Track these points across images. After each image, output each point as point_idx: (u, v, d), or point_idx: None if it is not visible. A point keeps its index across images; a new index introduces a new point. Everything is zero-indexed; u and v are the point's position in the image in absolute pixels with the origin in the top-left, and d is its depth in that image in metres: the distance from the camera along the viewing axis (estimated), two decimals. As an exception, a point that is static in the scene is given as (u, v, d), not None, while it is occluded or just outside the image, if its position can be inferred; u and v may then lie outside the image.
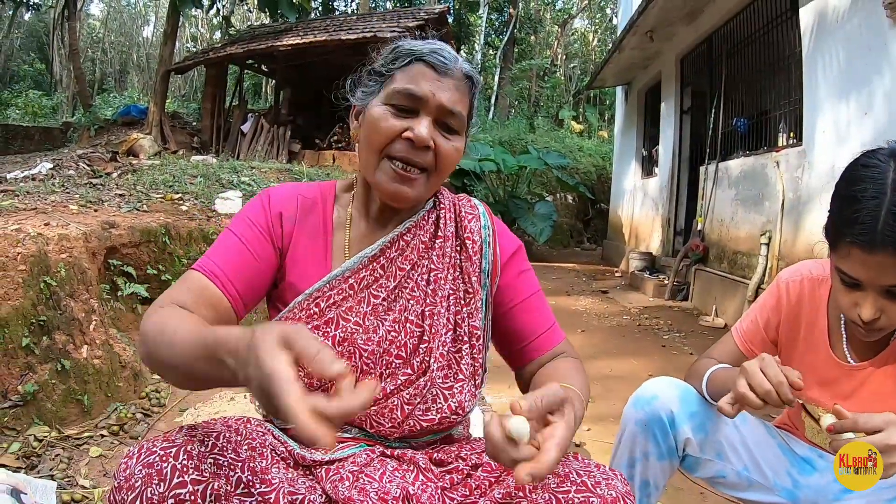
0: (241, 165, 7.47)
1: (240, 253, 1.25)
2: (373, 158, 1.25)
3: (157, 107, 12.55)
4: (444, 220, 1.38)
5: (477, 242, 1.37)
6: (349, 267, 1.28)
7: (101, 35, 32.13)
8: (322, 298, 1.26)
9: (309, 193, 1.38)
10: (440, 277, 1.32)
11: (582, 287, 8.81)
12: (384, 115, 1.23)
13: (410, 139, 1.21)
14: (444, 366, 1.28)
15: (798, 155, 5.53)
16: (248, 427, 1.18)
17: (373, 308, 1.28)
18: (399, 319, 1.28)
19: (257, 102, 21.22)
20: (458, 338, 1.31)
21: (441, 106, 1.23)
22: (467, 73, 1.29)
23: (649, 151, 11.07)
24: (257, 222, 1.30)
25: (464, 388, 1.29)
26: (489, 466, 1.21)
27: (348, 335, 1.24)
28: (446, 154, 1.25)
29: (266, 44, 12.44)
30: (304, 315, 1.25)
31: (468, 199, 1.45)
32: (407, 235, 1.34)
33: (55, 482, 2.21)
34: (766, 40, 6.57)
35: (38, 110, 19.88)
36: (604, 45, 27.53)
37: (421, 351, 1.27)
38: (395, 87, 1.24)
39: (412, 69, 1.25)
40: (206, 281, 1.20)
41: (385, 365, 1.25)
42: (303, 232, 1.33)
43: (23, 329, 2.63)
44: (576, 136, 21.45)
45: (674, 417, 1.51)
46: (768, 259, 5.83)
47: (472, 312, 1.33)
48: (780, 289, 1.59)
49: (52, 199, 4.11)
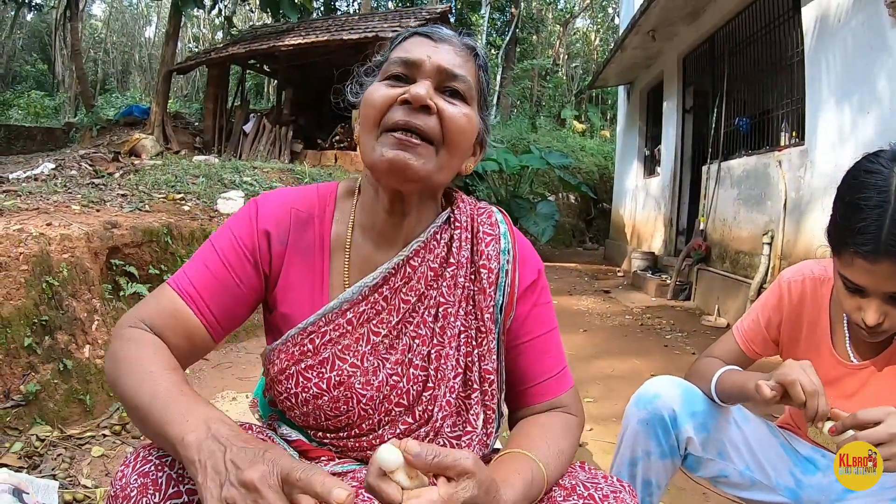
0: (243, 165, 7.47)
1: (220, 275, 1.13)
2: (370, 138, 1.09)
3: (160, 107, 12.55)
4: (458, 242, 1.20)
5: (493, 271, 1.19)
6: (347, 299, 1.13)
7: (104, 35, 32.17)
8: (317, 334, 1.12)
9: (304, 205, 1.21)
10: (450, 312, 1.16)
11: (584, 287, 8.81)
12: (378, 88, 1.10)
13: (407, 101, 1.06)
14: (452, 413, 1.15)
15: (800, 154, 5.52)
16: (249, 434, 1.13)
17: (372, 347, 1.14)
18: (402, 361, 1.14)
19: (259, 102, 21.24)
20: (469, 382, 1.16)
21: (440, 67, 1.09)
22: (468, 43, 1.17)
23: (651, 151, 11.06)
24: (242, 241, 1.15)
25: (473, 440, 1.15)
26: None
27: (345, 378, 1.11)
28: (452, 117, 1.08)
29: (268, 44, 12.44)
30: (297, 351, 1.12)
31: (489, 214, 1.26)
32: (414, 259, 1.17)
33: (57, 482, 2.22)
34: (767, 39, 6.57)
35: (40, 111, 19.91)
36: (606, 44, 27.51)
37: (425, 399, 1.13)
38: (389, 60, 1.13)
39: (407, 42, 1.15)
40: (180, 303, 1.10)
41: (384, 412, 1.14)
42: (296, 253, 1.18)
43: (25, 329, 2.63)
44: (578, 135, 21.46)
45: (676, 416, 1.51)
46: (771, 259, 5.82)
47: (484, 354, 1.17)
48: (783, 288, 1.59)
49: (54, 200, 4.11)
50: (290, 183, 6.96)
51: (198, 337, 1.11)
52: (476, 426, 1.15)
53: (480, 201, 1.31)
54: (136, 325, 1.09)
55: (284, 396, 1.14)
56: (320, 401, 1.11)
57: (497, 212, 1.29)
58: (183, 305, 1.09)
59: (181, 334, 1.09)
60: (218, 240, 1.16)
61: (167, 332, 1.08)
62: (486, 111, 1.21)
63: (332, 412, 1.12)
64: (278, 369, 1.13)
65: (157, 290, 1.15)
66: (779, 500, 1.57)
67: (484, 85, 1.19)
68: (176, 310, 1.09)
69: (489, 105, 1.22)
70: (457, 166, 1.16)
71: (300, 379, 1.11)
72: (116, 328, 1.11)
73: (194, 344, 1.11)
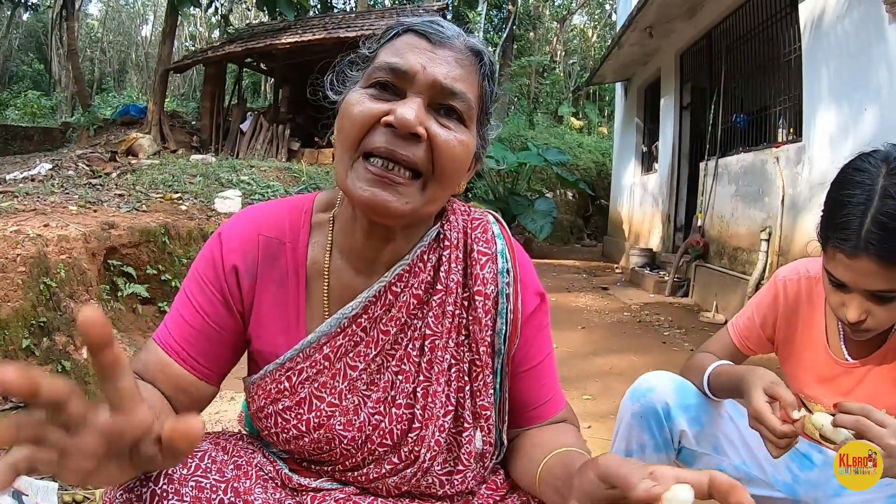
0: (240, 164, 7.48)
1: (196, 323, 1.04)
2: (346, 159, 0.94)
3: (156, 106, 12.55)
4: (446, 265, 1.06)
5: (490, 297, 1.06)
6: (324, 332, 1.03)
7: (100, 34, 32.14)
8: (293, 371, 1.03)
9: (273, 230, 1.07)
10: (438, 345, 1.04)
11: (582, 284, 8.81)
12: (359, 99, 0.93)
13: (391, 125, 0.89)
14: (443, 450, 1.05)
15: (798, 151, 5.53)
16: (238, 445, 1.10)
17: (350, 383, 1.04)
18: (384, 399, 1.04)
19: (256, 101, 21.21)
20: (460, 419, 1.06)
21: (435, 82, 0.91)
22: (474, 47, 0.98)
23: (649, 147, 11.06)
24: (210, 284, 1.04)
25: (467, 476, 1.06)
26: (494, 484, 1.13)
27: (324, 420, 1.02)
28: (445, 147, 0.92)
29: (265, 42, 12.44)
30: (273, 389, 1.04)
31: (485, 229, 1.11)
32: (396, 285, 1.04)
33: (56, 483, 2.21)
34: (765, 36, 6.56)
35: (37, 110, 19.89)
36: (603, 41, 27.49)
37: (410, 440, 1.03)
38: (375, 65, 0.95)
39: (398, 41, 0.96)
40: (166, 358, 1.02)
41: (368, 452, 1.04)
42: (268, 285, 1.06)
43: (23, 330, 2.63)
44: (575, 132, 21.46)
45: (669, 409, 1.53)
46: (768, 255, 5.83)
47: (479, 389, 1.06)
48: (778, 286, 1.60)
49: (51, 200, 4.11)
50: (287, 182, 6.96)
51: (192, 387, 1.04)
52: (468, 464, 1.05)
53: (475, 209, 1.16)
54: None
55: (266, 434, 1.08)
56: (301, 441, 1.04)
57: (494, 223, 1.14)
58: (169, 360, 1.02)
59: (174, 388, 1.02)
60: (189, 286, 1.06)
61: (161, 387, 1.02)
62: (486, 126, 1.05)
63: (315, 451, 1.06)
64: (257, 407, 1.06)
65: (145, 345, 1.08)
66: (775, 495, 1.58)
67: (487, 97, 1.02)
68: (164, 364, 1.02)
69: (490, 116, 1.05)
70: (449, 194, 1.01)
71: (279, 420, 1.04)
72: None
73: (191, 394, 1.04)
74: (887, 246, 1.18)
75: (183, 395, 1.03)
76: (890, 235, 1.18)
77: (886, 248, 1.19)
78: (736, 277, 6.37)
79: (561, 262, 11.45)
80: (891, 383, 1.44)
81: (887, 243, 1.18)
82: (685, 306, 7.18)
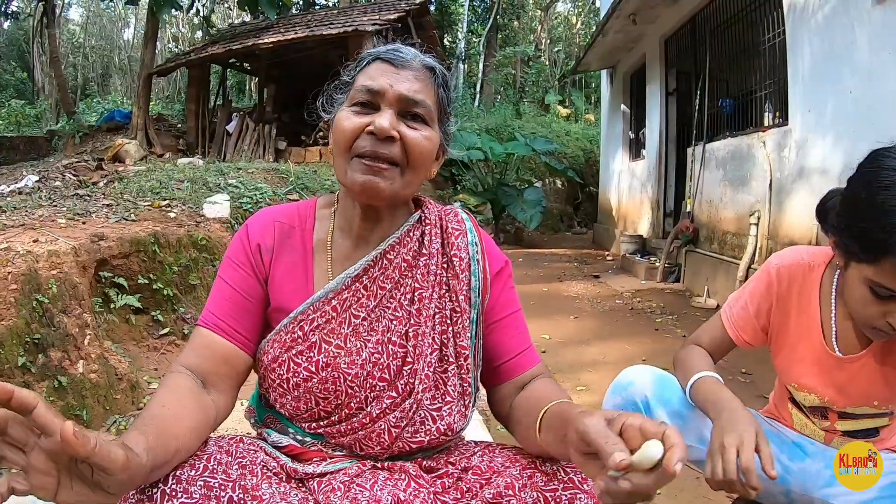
0: (227, 167, 7.45)
1: (233, 298, 1.27)
2: (342, 161, 1.23)
3: (141, 110, 12.50)
4: (428, 237, 1.34)
5: (464, 259, 1.33)
6: (332, 288, 1.26)
7: (82, 40, 31.84)
8: (305, 321, 1.24)
9: (286, 218, 1.36)
10: (425, 296, 1.28)
11: (573, 272, 8.84)
12: (347, 116, 1.21)
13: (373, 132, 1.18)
14: (431, 387, 1.26)
15: (784, 134, 5.56)
16: (240, 446, 1.19)
17: (353, 329, 1.26)
18: (382, 340, 1.26)
19: (242, 100, 21.12)
20: (445, 358, 1.28)
21: (401, 96, 1.20)
22: (428, 64, 1.27)
23: (636, 134, 11.09)
24: (240, 261, 1.30)
25: (452, 409, 1.27)
26: (478, 469, 1.23)
27: (331, 359, 1.23)
28: (414, 143, 1.21)
29: (247, 42, 12.37)
30: (288, 338, 1.24)
31: (455, 213, 1.41)
32: (390, 253, 1.30)
33: None
34: (749, 20, 6.59)
35: (21, 119, 19.70)
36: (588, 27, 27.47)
37: (405, 373, 1.25)
38: (355, 87, 1.24)
39: (370, 68, 1.25)
40: (212, 336, 1.24)
41: (369, 388, 1.24)
42: (281, 257, 1.32)
43: (18, 348, 2.64)
44: (562, 120, 21.47)
45: (648, 402, 1.57)
46: (758, 239, 5.87)
47: (459, 332, 1.29)
48: (771, 274, 1.59)
49: (39, 214, 4.10)
50: (275, 183, 6.94)
51: (234, 357, 1.24)
52: (453, 397, 1.27)
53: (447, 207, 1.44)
54: (174, 370, 1.22)
55: (277, 384, 1.25)
56: (310, 383, 1.22)
57: (462, 212, 1.43)
58: (213, 336, 1.24)
59: (220, 361, 1.23)
60: (224, 271, 1.31)
61: (207, 365, 1.22)
62: (446, 123, 1.33)
63: (322, 393, 1.22)
64: (271, 358, 1.24)
65: (191, 335, 1.29)
66: (766, 485, 1.59)
67: (444, 100, 1.29)
68: (209, 342, 1.24)
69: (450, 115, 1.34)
70: (422, 179, 1.29)
71: (291, 365, 1.23)
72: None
73: (234, 366, 1.25)
74: None
75: (225, 365, 1.24)
76: None
77: None
78: (726, 262, 6.41)
79: (552, 250, 11.48)
80: (881, 376, 1.46)
81: None
82: (676, 292, 7.22)
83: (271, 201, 5.97)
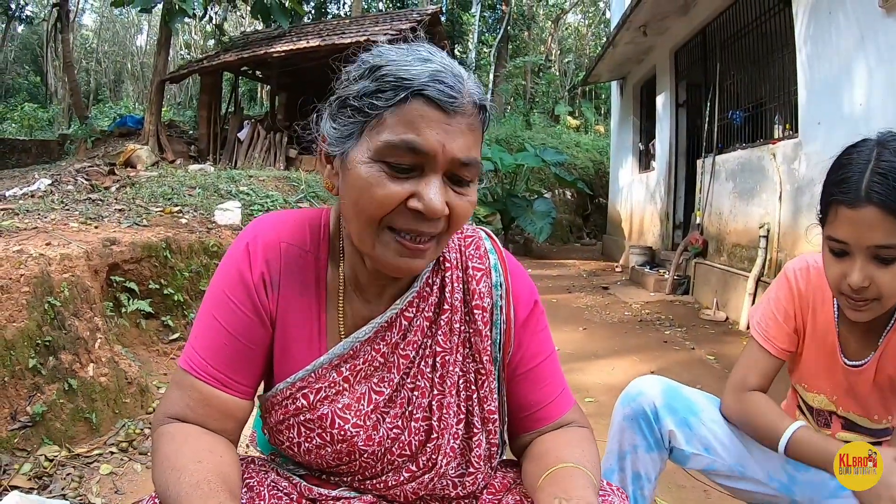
0: (238, 174, 7.48)
1: (231, 345, 1.05)
2: (368, 229, 0.96)
3: (153, 116, 12.58)
4: (450, 285, 1.12)
5: (487, 309, 1.13)
6: (338, 354, 1.07)
7: (95, 45, 32.16)
8: (310, 390, 1.07)
9: (296, 238, 1.11)
10: (448, 361, 1.10)
11: (582, 283, 8.83)
12: (378, 178, 0.92)
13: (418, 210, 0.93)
14: (456, 456, 1.12)
15: (794, 146, 5.55)
16: (249, 468, 1.13)
17: (374, 406, 1.09)
18: (402, 414, 1.10)
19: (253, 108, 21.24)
20: (471, 425, 1.13)
21: (454, 160, 0.93)
22: (479, 101, 0.97)
23: (646, 145, 11.08)
24: (238, 300, 1.06)
25: (477, 478, 1.14)
26: (493, 488, 1.18)
27: (347, 437, 1.07)
28: (461, 213, 0.98)
29: (260, 50, 12.45)
30: (292, 407, 1.07)
31: (477, 246, 1.18)
32: (409, 311, 1.10)
33: (68, 501, 2.24)
34: (759, 31, 6.59)
35: (34, 123, 19.93)
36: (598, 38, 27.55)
37: (429, 449, 1.10)
38: (388, 138, 0.92)
39: (408, 110, 0.91)
40: (209, 389, 1.04)
41: (388, 462, 1.10)
42: (290, 297, 1.09)
43: (29, 350, 2.65)
44: (572, 131, 21.48)
45: (657, 411, 1.58)
46: (767, 251, 5.85)
47: (486, 396, 1.13)
48: (790, 278, 1.59)
49: (52, 218, 4.13)
50: (286, 191, 6.96)
51: (238, 410, 1.07)
52: (479, 466, 1.13)
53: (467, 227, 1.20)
54: (168, 422, 1.05)
55: (287, 445, 1.11)
56: (323, 451, 1.08)
57: (486, 238, 1.20)
58: (212, 391, 1.04)
59: (222, 418, 1.05)
60: (217, 309, 1.07)
61: (208, 422, 1.04)
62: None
63: (335, 462, 1.10)
64: (276, 420, 1.10)
65: (176, 379, 1.07)
66: (772, 493, 1.60)
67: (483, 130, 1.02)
68: (207, 398, 1.04)
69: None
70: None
71: (302, 429, 1.08)
72: (152, 431, 1.08)
73: (237, 418, 1.07)
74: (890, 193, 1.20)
75: (230, 420, 1.06)
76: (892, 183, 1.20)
77: (889, 196, 1.20)
78: (736, 274, 6.38)
79: (561, 261, 11.47)
80: (878, 390, 1.47)
81: (890, 191, 1.20)
82: (686, 304, 7.19)
83: (283, 209, 5.98)
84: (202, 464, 0.95)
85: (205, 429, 1.04)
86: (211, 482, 0.92)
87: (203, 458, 0.97)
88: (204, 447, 1.00)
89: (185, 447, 0.99)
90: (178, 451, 0.98)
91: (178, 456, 0.97)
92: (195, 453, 0.98)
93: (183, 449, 0.98)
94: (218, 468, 0.96)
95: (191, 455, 0.97)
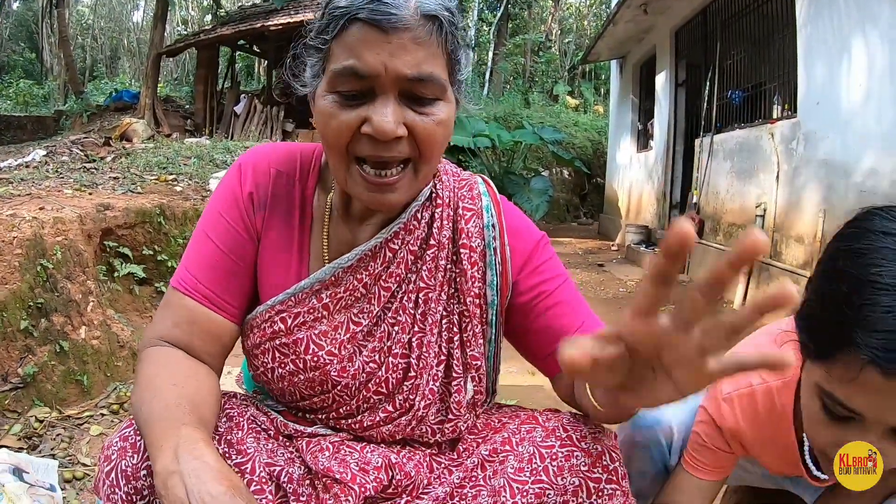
0: (234, 145, 7.48)
1: (221, 261, 1.07)
2: (339, 163, 0.97)
3: (150, 90, 12.51)
4: (439, 221, 1.10)
5: (476, 250, 1.10)
6: (318, 279, 1.06)
7: (91, 21, 31.87)
8: (288, 314, 1.06)
9: (286, 165, 1.12)
10: (431, 298, 1.08)
11: (578, 261, 8.84)
12: (332, 109, 0.93)
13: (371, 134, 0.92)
14: (436, 401, 1.10)
15: (793, 127, 5.52)
16: (231, 401, 1.13)
17: (351, 336, 1.08)
18: (380, 349, 1.08)
19: (250, 83, 21.09)
20: (452, 369, 1.09)
21: (400, 75, 0.90)
22: (427, 12, 0.91)
23: (644, 125, 11.04)
24: (230, 216, 1.08)
25: (458, 425, 1.11)
26: (474, 430, 1.15)
27: (321, 364, 1.06)
28: (427, 134, 0.94)
29: (256, 24, 12.38)
30: (269, 330, 1.07)
31: (471, 188, 1.15)
32: (394, 242, 1.08)
33: (56, 461, 2.24)
34: (760, 11, 6.53)
35: (29, 99, 19.81)
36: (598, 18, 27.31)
37: (406, 389, 1.08)
38: (334, 67, 0.92)
39: (348, 36, 0.91)
40: (197, 307, 1.05)
41: (362, 399, 1.09)
42: (274, 220, 1.10)
43: (21, 312, 2.64)
44: (571, 110, 21.37)
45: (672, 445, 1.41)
46: (763, 231, 5.82)
47: (469, 339, 1.10)
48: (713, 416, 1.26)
49: (46, 185, 4.11)
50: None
51: (224, 332, 1.07)
52: (459, 413, 1.10)
53: (464, 171, 1.20)
54: (154, 344, 1.05)
55: (262, 371, 1.11)
56: (296, 378, 1.07)
57: (480, 182, 1.17)
58: (199, 307, 1.05)
59: (207, 338, 1.06)
60: (210, 226, 1.09)
61: (194, 341, 1.05)
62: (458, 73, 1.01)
63: (308, 392, 1.09)
64: (252, 343, 1.09)
65: (166, 298, 1.09)
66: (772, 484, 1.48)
67: (454, 50, 0.97)
68: (193, 314, 1.05)
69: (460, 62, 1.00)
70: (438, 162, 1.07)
71: (276, 354, 1.07)
72: (139, 351, 1.08)
73: (222, 342, 1.08)
74: None
75: (215, 343, 1.07)
76: None
77: None
78: (731, 253, 6.37)
79: (557, 240, 11.44)
80: None
81: None
82: (681, 282, 7.20)
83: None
84: (176, 387, 0.96)
85: (189, 354, 1.05)
86: (182, 406, 0.91)
87: (179, 382, 0.97)
88: (183, 371, 1.00)
89: (164, 370, 0.99)
90: (157, 374, 0.99)
91: (156, 378, 0.98)
92: (172, 376, 0.98)
93: (162, 372, 0.99)
94: (193, 394, 0.96)
95: (168, 378, 0.97)
